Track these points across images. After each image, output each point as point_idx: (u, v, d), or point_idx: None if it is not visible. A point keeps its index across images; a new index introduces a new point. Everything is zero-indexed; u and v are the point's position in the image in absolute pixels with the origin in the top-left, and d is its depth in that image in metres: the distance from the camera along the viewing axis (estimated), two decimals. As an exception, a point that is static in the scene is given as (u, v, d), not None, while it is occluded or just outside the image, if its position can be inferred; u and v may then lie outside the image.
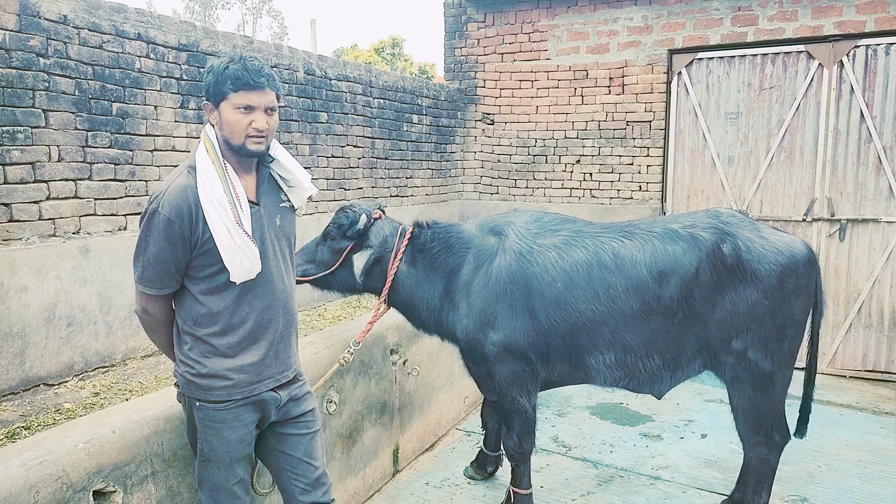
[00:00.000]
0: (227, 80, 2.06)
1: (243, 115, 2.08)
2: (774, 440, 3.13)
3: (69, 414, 3.32)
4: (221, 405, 2.17)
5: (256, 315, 2.19)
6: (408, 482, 3.93)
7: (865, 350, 5.92)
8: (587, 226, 3.23)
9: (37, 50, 3.63)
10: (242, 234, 2.06)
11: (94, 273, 3.98)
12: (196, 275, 2.13)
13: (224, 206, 2.05)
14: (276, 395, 2.27)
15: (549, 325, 3.05)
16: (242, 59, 2.09)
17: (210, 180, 2.06)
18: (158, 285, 2.11)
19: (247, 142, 2.10)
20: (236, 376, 2.16)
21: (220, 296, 2.14)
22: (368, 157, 6.38)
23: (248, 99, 2.07)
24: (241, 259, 2.06)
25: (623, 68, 6.74)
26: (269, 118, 2.13)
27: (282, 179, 2.32)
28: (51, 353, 3.76)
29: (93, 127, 3.95)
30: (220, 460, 2.21)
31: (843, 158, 5.88)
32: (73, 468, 2.07)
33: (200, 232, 2.06)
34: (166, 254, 2.06)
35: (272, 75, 2.13)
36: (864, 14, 5.65)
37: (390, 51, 31.57)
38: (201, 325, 2.15)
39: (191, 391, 2.19)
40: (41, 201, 3.71)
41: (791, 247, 2.96)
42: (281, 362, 2.29)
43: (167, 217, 2.03)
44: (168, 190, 2.07)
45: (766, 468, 3.18)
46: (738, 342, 2.94)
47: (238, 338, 2.17)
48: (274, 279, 2.24)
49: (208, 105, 2.14)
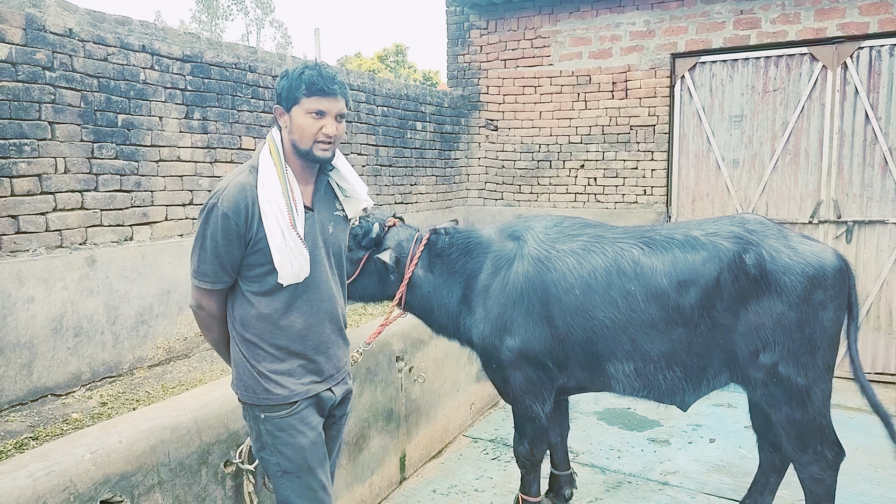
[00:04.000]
0: (302, 84, 2.10)
1: (314, 120, 2.12)
2: (826, 458, 2.95)
3: (76, 424, 3.33)
4: (285, 410, 2.19)
5: (304, 320, 2.22)
6: (414, 490, 3.92)
7: (875, 353, 5.88)
8: (608, 230, 3.14)
9: (43, 63, 3.67)
10: (295, 236, 2.10)
11: (100, 283, 4.00)
12: (247, 273, 2.17)
13: (281, 208, 2.09)
14: (332, 394, 2.32)
15: (567, 332, 2.99)
16: (318, 65, 2.14)
17: (270, 181, 2.11)
18: (213, 279, 2.14)
19: (314, 147, 2.15)
20: (289, 380, 2.20)
21: (270, 298, 2.18)
22: (373, 165, 6.40)
23: (320, 104, 2.12)
24: (290, 261, 2.10)
25: (626, 73, 6.74)
26: (339, 125, 2.18)
27: (339, 189, 2.36)
28: (58, 363, 3.77)
29: (98, 139, 3.98)
30: (300, 467, 2.21)
31: (849, 160, 5.86)
32: (80, 479, 2.08)
33: (255, 230, 2.11)
34: (221, 248, 2.10)
35: (344, 83, 2.17)
36: (868, 15, 5.64)
37: (394, 58, 31.70)
38: (249, 327, 2.19)
39: (251, 398, 2.21)
40: (48, 213, 3.74)
41: (820, 257, 2.83)
42: (332, 366, 2.33)
43: (224, 212, 2.08)
44: (228, 186, 2.12)
45: (822, 489, 2.97)
46: (766, 356, 2.83)
47: (286, 342, 2.20)
48: (322, 285, 2.27)
49: (279, 108, 2.18)
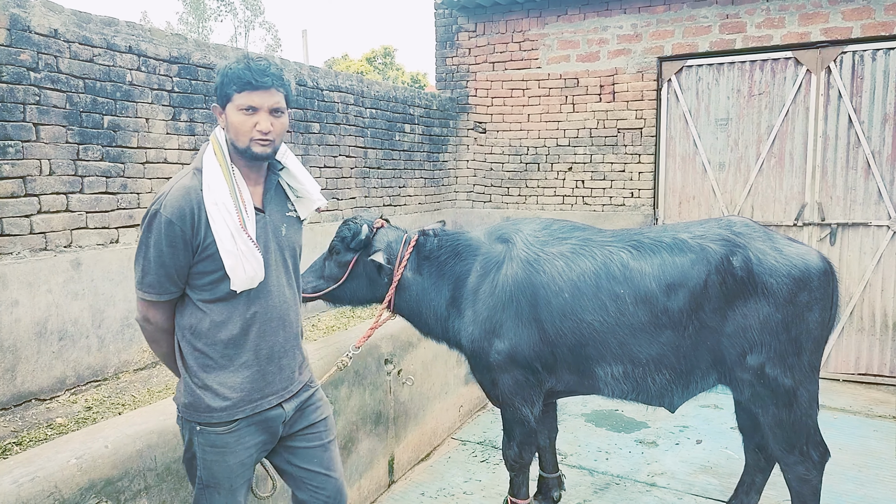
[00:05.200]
0: (232, 81, 1.99)
1: (247, 117, 2.00)
2: (812, 458, 2.98)
3: (61, 429, 3.30)
4: (224, 428, 2.07)
5: (258, 327, 2.11)
6: (403, 493, 3.92)
7: (858, 353, 5.95)
8: (596, 234, 3.16)
9: (27, 64, 3.63)
10: (247, 239, 1.99)
11: (85, 286, 3.96)
12: (197, 282, 2.04)
13: (229, 210, 1.97)
14: (282, 410, 2.18)
15: (556, 335, 3.00)
16: (247, 58, 2.02)
17: (216, 182, 1.99)
18: (159, 290, 2.01)
19: (252, 144, 2.03)
20: (236, 394, 2.07)
21: (221, 305, 2.05)
22: (361, 167, 6.39)
23: (251, 100, 2.00)
24: (243, 266, 1.98)
25: (613, 76, 6.78)
26: (276, 119, 2.05)
27: (290, 189, 2.24)
28: (42, 367, 3.73)
29: (84, 140, 3.95)
30: (221, 486, 2.10)
31: (833, 163, 5.93)
32: (65, 484, 2.06)
33: (203, 235, 1.98)
34: (166, 257, 1.97)
35: (279, 75, 2.04)
36: (851, 20, 5.71)
37: (382, 60, 31.67)
38: (200, 336, 2.06)
39: (191, 415, 2.09)
40: (32, 215, 3.70)
41: (805, 259, 2.87)
42: (285, 378, 2.19)
43: (168, 218, 1.95)
44: (171, 191, 1.99)
45: (808, 489, 3.00)
46: (754, 357, 2.86)
47: (238, 350, 2.09)
48: (277, 290, 2.15)
49: (217, 107, 2.08)
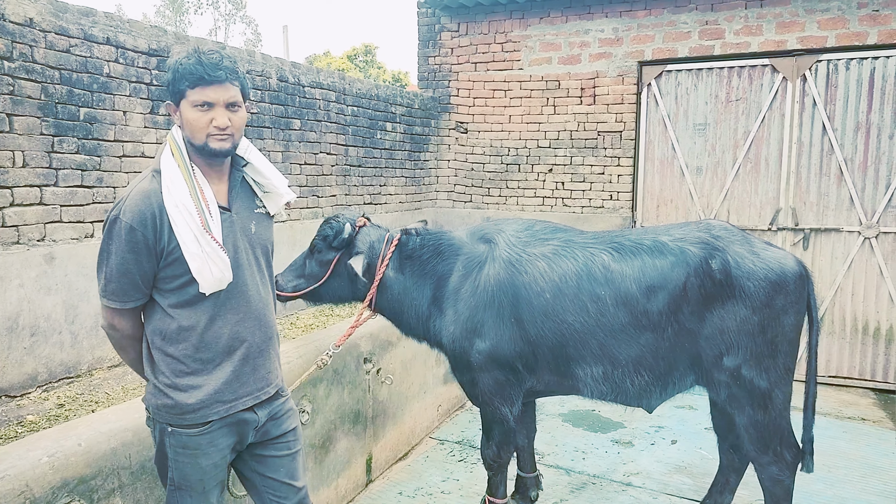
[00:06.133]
0: (184, 76, 1.92)
1: (203, 113, 1.94)
2: (785, 459, 3.00)
3: (32, 427, 3.23)
4: (196, 430, 2.02)
5: (231, 329, 2.05)
6: (381, 492, 3.91)
7: (828, 356, 6.07)
8: (578, 235, 3.18)
9: (1, 53, 3.55)
10: (211, 240, 1.93)
11: (59, 281, 3.89)
12: (164, 287, 1.99)
13: (191, 212, 1.91)
14: (255, 414, 2.13)
15: (537, 335, 3.02)
16: (198, 52, 1.94)
17: (175, 184, 1.92)
18: (123, 298, 1.96)
19: (209, 140, 1.96)
20: (209, 396, 2.02)
21: (191, 309, 2.00)
22: (342, 165, 6.36)
23: (205, 95, 1.93)
24: (209, 268, 1.92)
25: (594, 79, 6.84)
26: (233, 114, 1.98)
27: (256, 185, 2.18)
28: (13, 363, 3.65)
29: (59, 132, 3.87)
30: (193, 488, 2.06)
31: (807, 169, 6.05)
32: (36, 483, 2.02)
33: (166, 240, 1.93)
34: (130, 264, 1.92)
35: (232, 68, 1.97)
36: (826, 30, 5.83)
37: (363, 58, 31.52)
38: (171, 342, 2.00)
39: (161, 416, 2.03)
40: (4, 208, 3.62)
41: (782, 263, 2.92)
42: (259, 378, 2.14)
43: (129, 224, 1.89)
44: (130, 195, 1.93)
45: (781, 490, 3.02)
46: (730, 359, 2.90)
47: (212, 353, 2.03)
48: (249, 290, 2.10)
49: (171, 105, 2.00)
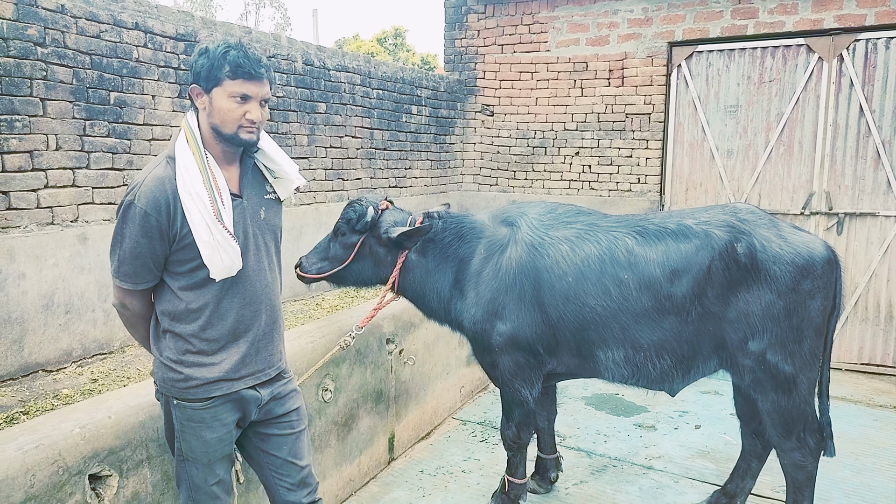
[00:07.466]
0: (226, 65, 1.97)
1: (238, 105, 2.01)
2: (808, 445, 2.96)
3: (67, 399, 3.36)
4: (200, 404, 2.10)
5: (237, 312, 2.12)
6: (403, 469, 3.97)
7: (861, 343, 5.94)
8: (601, 219, 3.16)
9: (34, 39, 3.64)
10: (222, 229, 1.99)
11: (92, 261, 4.00)
12: (175, 269, 2.06)
13: (203, 201, 1.97)
14: (257, 393, 2.20)
15: (558, 318, 3.01)
16: (242, 46, 2.01)
17: (189, 172, 1.98)
18: (135, 280, 2.03)
19: (240, 131, 2.04)
20: (215, 374, 2.10)
21: (200, 291, 2.07)
22: (367, 148, 6.39)
23: (245, 88, 2.00)
24: (220, 255, 1.99)
25: (623, 60, 6.72)
26: (263, 110, 2.08)
27: (267, 170, 2.23)
28: (49, 339, 3.79)
29: (90, 116, 3.97)
30: (199, 460, 2.15)
31: (842, 152, 5.88)
32: (69, 452, 2.10)
33: (179, 226, 1.99)
34: (143, 248, 1.98)
35: (269, 66, 2.08)
36: (865, 7, 5.63)
37: (393, 41, 31.44)
38: (180, 322, 2.08)
39: (168, 389, 2.12)
40: (39, 189, 3.74)
41: (810, 248, 2.86)
42: (262, 359, 2.21)
43: (143, 210, 1.95)
44: (145, 181, 1.99)
45: (804, 476, 2.99)
46: (755, 343, 2.87)
47: (218, 334, 2.10)
48: (256, 275, 2.16)
49: (197, 88, 2.04)
